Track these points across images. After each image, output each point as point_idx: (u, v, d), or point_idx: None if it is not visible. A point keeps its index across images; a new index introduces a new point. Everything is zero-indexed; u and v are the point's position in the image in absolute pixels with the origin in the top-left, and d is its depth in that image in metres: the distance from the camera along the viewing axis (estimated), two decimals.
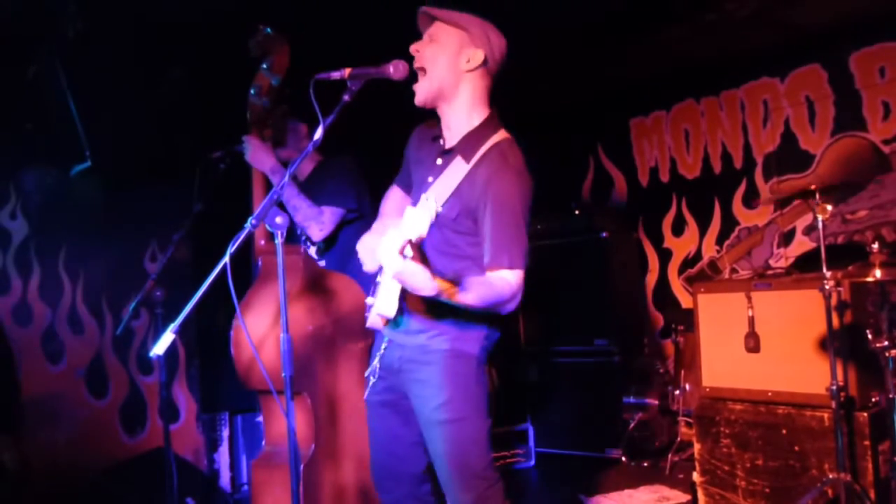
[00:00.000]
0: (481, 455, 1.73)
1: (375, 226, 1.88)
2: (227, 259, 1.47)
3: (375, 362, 1.85)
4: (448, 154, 1.78)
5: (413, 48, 1.75)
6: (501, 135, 1.76)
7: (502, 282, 1.65)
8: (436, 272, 1.55)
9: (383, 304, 1.68)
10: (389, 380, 1.82)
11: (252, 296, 2.23)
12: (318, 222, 2.43)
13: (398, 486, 1.84)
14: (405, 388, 1.79)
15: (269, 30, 2.32)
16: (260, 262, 2.30)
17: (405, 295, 1.73)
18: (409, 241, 1.48)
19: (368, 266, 1.78)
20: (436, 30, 1.75)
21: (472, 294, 1.61)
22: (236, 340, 2.15)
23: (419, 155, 1.86)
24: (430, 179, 1.77)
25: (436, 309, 1.72)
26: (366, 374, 1.88)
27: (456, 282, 1.58)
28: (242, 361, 2.11)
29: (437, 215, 1.72)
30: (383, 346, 1.83)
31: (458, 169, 1.74)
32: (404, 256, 1.46)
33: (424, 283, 1.53)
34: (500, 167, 1.70)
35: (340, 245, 2.55)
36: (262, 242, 2.32)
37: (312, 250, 2.60)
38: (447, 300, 1.58)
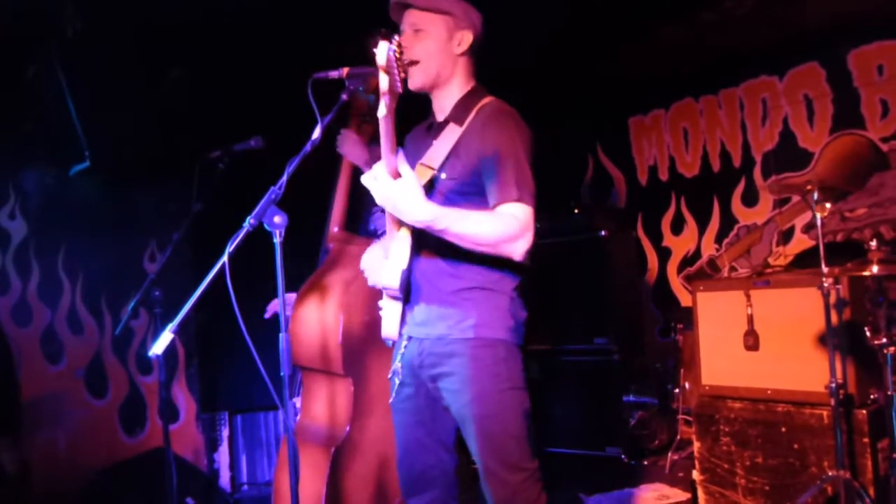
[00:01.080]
0: (519, 446, 1.67)
1: (379, 242, 1.85)
2: (225, 258, 1.47)
3: (397, 362, 1.79)
4: (440, 127, 1.77)
5: (405, 46, 1.70)
6: (490, 98, 1.77)
7: (508, 216, 1.58)
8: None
9: (387, 276, 1.63)
10: (412, 380, 1.77)
11: (317, 278, 2.32)
12: None
13: (430, 490, 1.78)
14: (430, 384, 1.73)
15: (378, 29, 2.34)
16: (330, 248, 2.37)
17: (418, 277, 1.70)
18: (398, 159, 1.46)
19: (374, 279, 1.76)
20: (418, 19, 1.72)
21: (475, 221, 1.55)
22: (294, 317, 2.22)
23: (412, 150, 1.83)
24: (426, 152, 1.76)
25: (454, 291, 1.67)
26: (389, 376, 1.83)
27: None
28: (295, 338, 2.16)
29: (440, 182, 1.70)
30: (403, 344, 1.77)
31: (451, 133, 1.72)
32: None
33: (417, 202, 1.49)
34: (495, 114, 1.69)
35: None
36: (336, 229, 2.38)
37: None
38: (446, 228, 1.53)
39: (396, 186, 1.50)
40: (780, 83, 3.90)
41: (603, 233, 4.00)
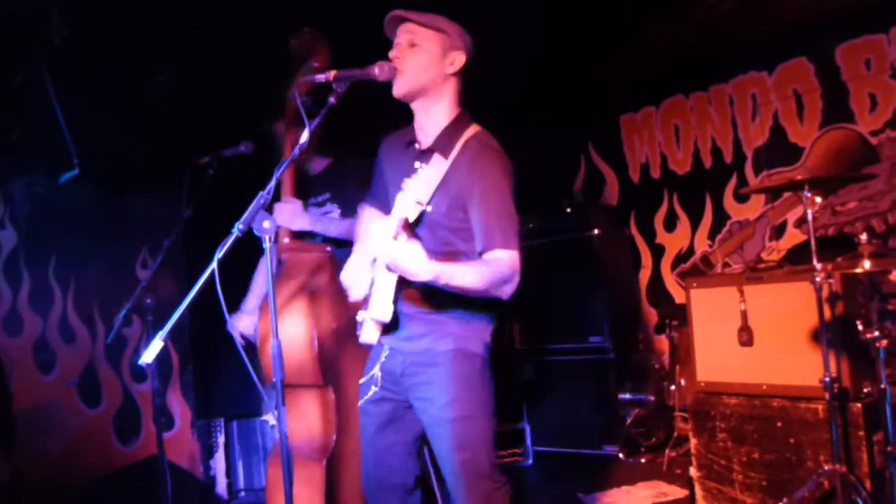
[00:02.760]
0: (488, 455, 1.72)
1: (357, 250, 1.87)
2: (214, 264, 1.46)
3: (375, 370, 1.82)
4: (425, 154, 1.78)
5: (394, 55, 1.73)
6: (475, 128, 1.80)
7: (498, 262, 1.66)
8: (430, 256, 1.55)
9: (378, 308, 1.66)
10: (390, 387, 1.80)
11: (276, 290, 2.26)
12: (349, 231, 2.47)
13: (389, 496, 1.82)
14: (408, 393, 1.78)
15: (311, 31, 2.34)
16: (283, 258, 2.33)
17: (404, 300, 1.73)
18: (402, 223, 1.49)
19: (356, 293, 1.77)
20: (415, 34, 1.74)
21: (471, 274, 1.61)
22: (262, 336, 2.19)
23: (392, 163, 1.85)
24: (408, 182, 1.77)
25: (437, 311, 1.72)
26: (361, 382, 1.85)
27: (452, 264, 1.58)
28: (265, 355, 2.13)
29: (427, 215, 1.73)
30: (384, 355, 1.81)
31: (438, 166, 1.75)
32: (397, 238, 1.48)
33: (421, 264, 1.53)
34: (482, 153, 1.73)
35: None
36: (286, 240, 2.35)
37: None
38: (446, 284, 1.57)
39: (402, 250, 1.53)
40: (769, 79, 3.91)
41: (596, 231, 4.00)
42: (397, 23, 1.77)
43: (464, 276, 1.60)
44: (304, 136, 1.57)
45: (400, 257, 1.53)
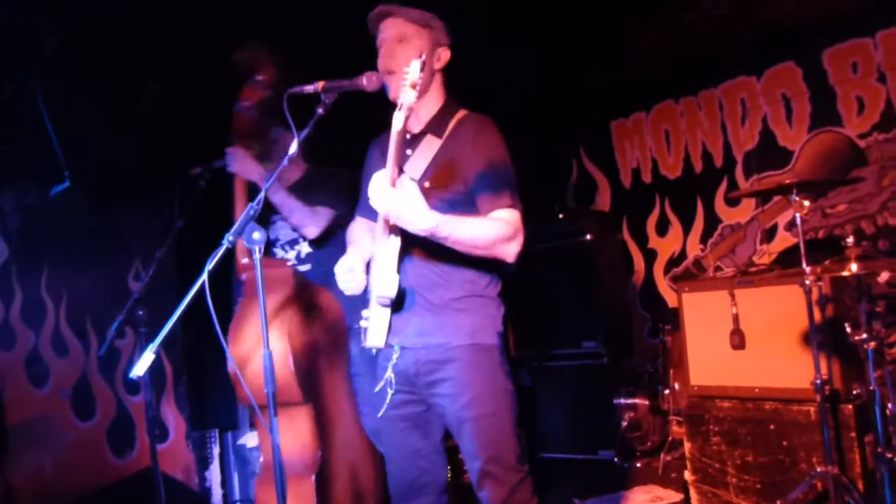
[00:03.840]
0: (513, 447, 1.72)
1: (350, 251, 1.86)
2: (204, 276, 1.46)
3: (388, 373, 1.78)
4: (415, 139, 1.80)
5: (386, 53, 1.75)
6: (464, 111, 1.84)
7: (502, 220, 1.68)
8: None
9: (382, 285, 1.64)
10: (408, 388, 1.78)
11: (242, 312, 2.23)
12: (314, 220, 2.46)
13: (422, 497, 1.81)
14: (424, 392, 1.75)
15: (256, 44, 2.34)
16: (244, 278, 2.29)
17: (411, 292, 1.72)
18: (398, 169, 1.50)
19: (348, 287, 1.75)
20: (405, 30, 1.76)
21: (475, 227, 1.63)
22: (237, 360, 2.17)
23: (380, 165, 1.86)
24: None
25: (447, 302, 1.72)
26: (376, 391, 1.82)
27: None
28: (241, 378, 2.11)
29: (424, 190, 1.71)
30: (395, 356, 1.77)
31: (430, 145, 1.78)
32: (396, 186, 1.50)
33: (422, 212, 1.53)
34: (478, 124, 1.78)
35: (326, 252, 2.55)
36: (245, 260, 2.31)
37: (292, 254, 2.62)
38: (448, 234, 1.58)
39: (400, 196, 1.54)
40: (757, 83, 3.94)
41: (588, 236, 4.01)
42: (383, 18, 1.79)
43: (467, 227, 1.61)
44: (293, 147, 1.57)
45: (400, 204, 1.53)
